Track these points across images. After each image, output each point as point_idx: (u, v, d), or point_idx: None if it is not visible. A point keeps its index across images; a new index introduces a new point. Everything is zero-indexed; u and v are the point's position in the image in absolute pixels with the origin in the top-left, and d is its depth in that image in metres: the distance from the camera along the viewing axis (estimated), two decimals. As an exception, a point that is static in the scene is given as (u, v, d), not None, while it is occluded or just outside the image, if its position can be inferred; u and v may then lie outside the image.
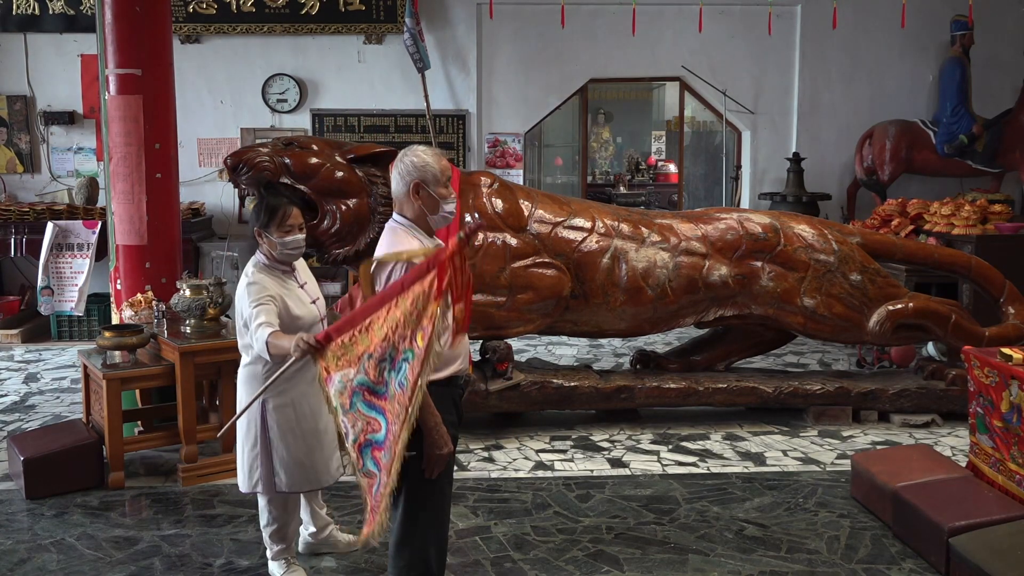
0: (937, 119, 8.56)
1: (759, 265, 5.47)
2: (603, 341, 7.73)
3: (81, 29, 8.39)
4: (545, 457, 5.02)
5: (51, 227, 7.61)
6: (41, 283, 7.62)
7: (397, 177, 3.01)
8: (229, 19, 8.47)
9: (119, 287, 5.37)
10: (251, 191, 5.11)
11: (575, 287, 5.35)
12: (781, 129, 8.99)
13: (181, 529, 4.08)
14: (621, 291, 5.35)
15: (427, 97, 8.42)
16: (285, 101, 8.72)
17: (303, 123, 8.73)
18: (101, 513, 4.27)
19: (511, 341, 5.58)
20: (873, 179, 8.61)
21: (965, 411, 4.25)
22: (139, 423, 5.08)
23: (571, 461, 4.96)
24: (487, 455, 5.04)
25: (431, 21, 8.58)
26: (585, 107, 9.74)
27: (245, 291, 3.40)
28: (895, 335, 5.54)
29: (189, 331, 4.73)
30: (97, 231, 7.66)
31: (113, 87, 5.25)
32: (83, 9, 8.40)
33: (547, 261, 5.31)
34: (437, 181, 2.99)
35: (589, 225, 5.44)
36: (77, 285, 7.62)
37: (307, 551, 3.84)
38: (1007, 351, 3.87)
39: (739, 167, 9.15)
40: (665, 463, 4.94)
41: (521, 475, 4.75)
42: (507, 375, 5.35)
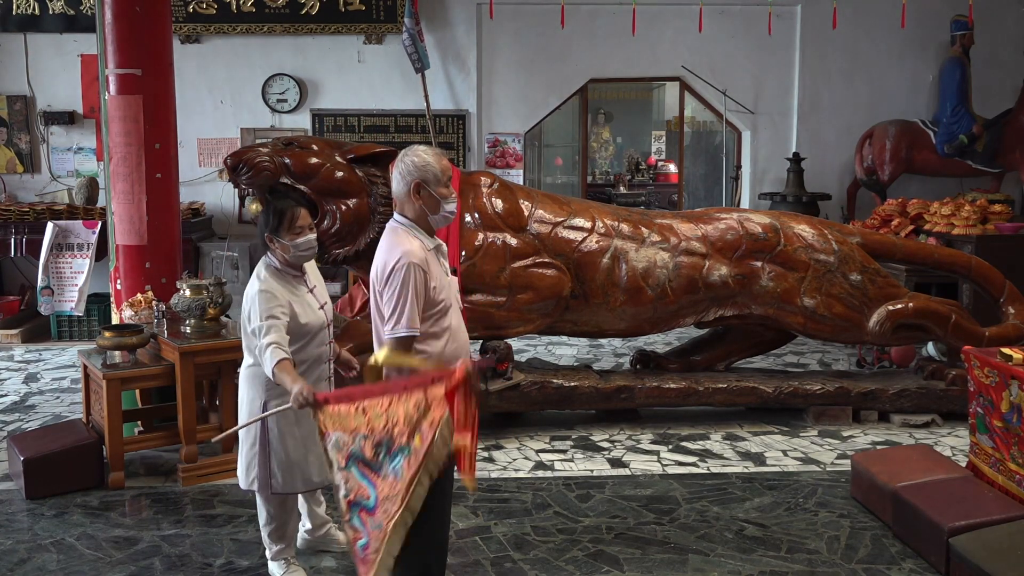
0: (937, 119, 8.56)
1: (759, 265, 5.47)
2: (603, 341, 7.73)
3: (81, 29, 8.38)
4: (545, 457, 5.02)
5: (51, 227, 7.60)
6: (41, 283, 7.62)
7: (398, 177, 3.02)
8: (229, 19, 8.47)
9: (119, 287, 5.37)
10: (252, 192, 5.11)
11: (575, 287, 5.35)
12: (781, 129, 8.99)
13: (181, 529, 4.08)
14: (621, 291, 5.35)
15: (427, 97, 8.42)
16: (285, 101, 8.72)
17: (303, 123, 8.73)
18: (101, 513, 4.27)
19: (511, 341, 5.58)
20: (873, 179, 8.61)
21: (965, 411, 4.25)
22: (139, 423, 5.08)
23: (571, 461, 4.96)
24: (487, 455, 5.04)
25: (431, 21, 8.58)
26: (585, 107, 9.74)
27: (256, 298, 3.39)
28: (895, 335, 5.54)
29: (189, 331, 4.73)
30: (97, 231, 7.65)
31: (113, 87, 5.25)
32: (83, 9, 8.40)
33: (547, 261, 5.31)
34: (438, 181, 2.99)
35: (589, 225, 5.44)
36: (77, 285, 7.62)
37: (305, 548, 3.84)
38: (1007, 351, 3.87)
39: (739, 167, 9.15)
40: (665, 463, 4.94)
41: (521, 475, 4.75)
42: (507, 375, 5.35)
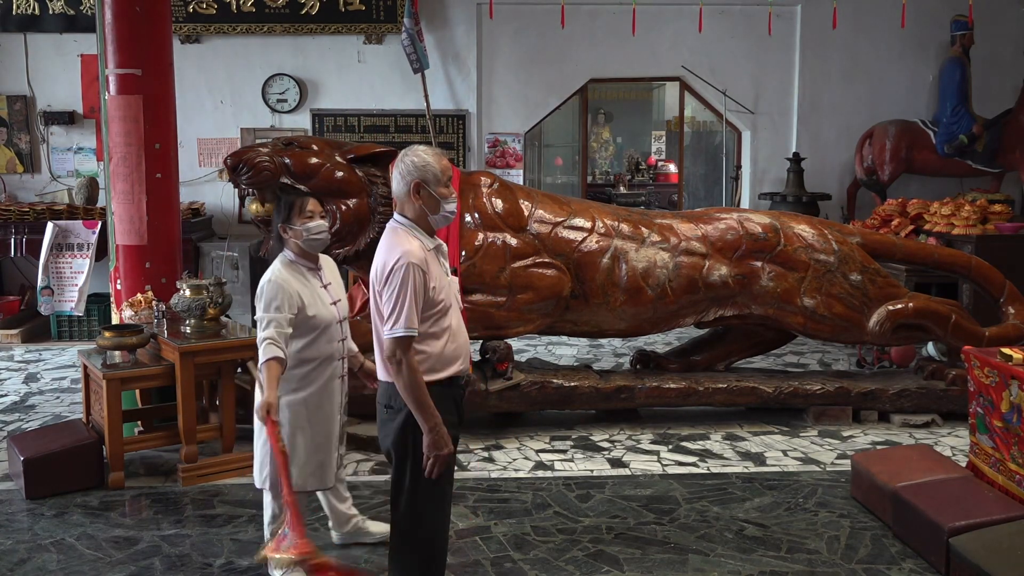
0: (937, 119, 8.56)
1: (759, 265, 5.46)
2: (603, 341, 7.72)
3: (81, 29, 8.38)
4: (545, 457, 5.02)
5: (51, 227, 7.60)
6: (41, 283, 7.62)
7: (398, 177, 3.02)
8: (229, 19, 8.47)
9: (119, 287, 5.37)
10: (252, 191, 5.11)
11: (575, 287, 5.35)
12: (781, 129, 8.99)
13: (181, 529, 4.08)
14: (621, 291, 5.35)
15: (427, 97, 8.42)
16: (285, 101, 8.72)
17: (303, 123, 8.73)
18: (101, 513, 4.27)
19: (511, 341, 5.58)
20: (873, 179, 8.60)
21: (965, 411, 4.25)
22: (139, 423, 5.08)
23: (571, 461, 4.96)
24: (487, 455, 5.04)
25: (431, 21, 8.58)
26: (585, 107, 9.74)
27: (263, 288, 3.45)
28: (895, 335, 5.54)
29: (189, 331, 4.73)
30: (97, 231, 7.65)
31: (113, 87, 5.25)
32: (83, 9, 8.40)
33: (547, 261, 5.31)
34: (438, 181, 2.99)
35: (589, 225, 5.44)
36: (77, 285, 7.62)
37: (340, 543, 3.87)
38: (1007, 351, 3.87)
39: (739, 167, 9.15)
40: (665, 463, 4.94)
41: (521, 475, 4.75)
42: (507, 375, 5.35)
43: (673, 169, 12.52)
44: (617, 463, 4.93)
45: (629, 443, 5.25)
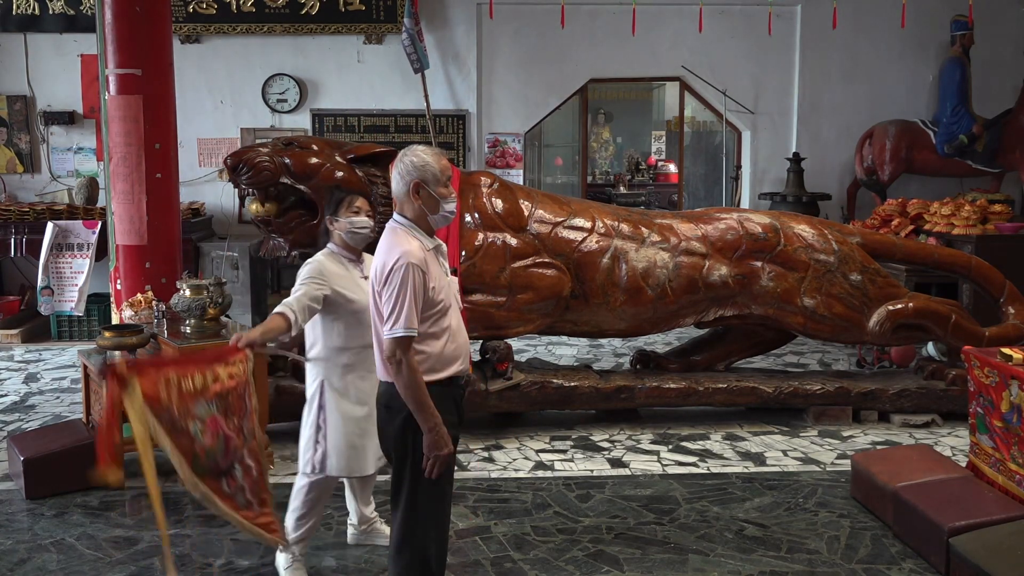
0: (937, 119, 8.56)
1: (759, 265, 5.46)
2: (603, 341, 7.72)
3: (81, 29, 8.38)
4: (545, 457, 5.01)
5: (51, 227, 7.60)
6: (41, 283, 7.62)
7: (397, 177, 3.01)
8: (229, 19, 8.47)
9: (119, 287, 5.37)
10: (252, 191, 5.11)
11: (575, 287, 5.34)
12: (781, 129, 8.99)
13: (181, 529, 4.08)
14: (621, 291, 5.35)
15: (427, 97, 8.42)
16: (285, 101, 8.72)
17: (303, 123, 8.73)
18: (101, 513, 4.27)
19: (511, 341, 5.58)
20: (873, 179, 8.60)
21: (965, 411, 4.25)
22: (139, 423, 5.07)
23: (571, 461, 4.96)
24: (487, 455, 5.04)
25: (431, 21, 8.57)
26: (585, 107, 9.74)
27: (302, 268, 3.59)
28: (895, 335, 5.54)
29: (189, 331, 4.73)
30: (97, 231, 7.65)
31: (113, 87, 5.25)
32: (83, 9, 8.40)
33: (547, 261, 5.31)
34: (437, 180, 2.99)
35: (589, 225, 5.44)
36: (77, 285, 7.62)
37: (354, 542, 3.89)
38: (1007, 351, 3.87)
39: (739, 167, 9.15)
40: (665, 463, 4.94)
41: (521, 475, 4.75)
42: (507, 375, 5.35)
43: (673, 169, 12.52)
44: (617, 463, 4.93)
45: (629, 443, 5.25)
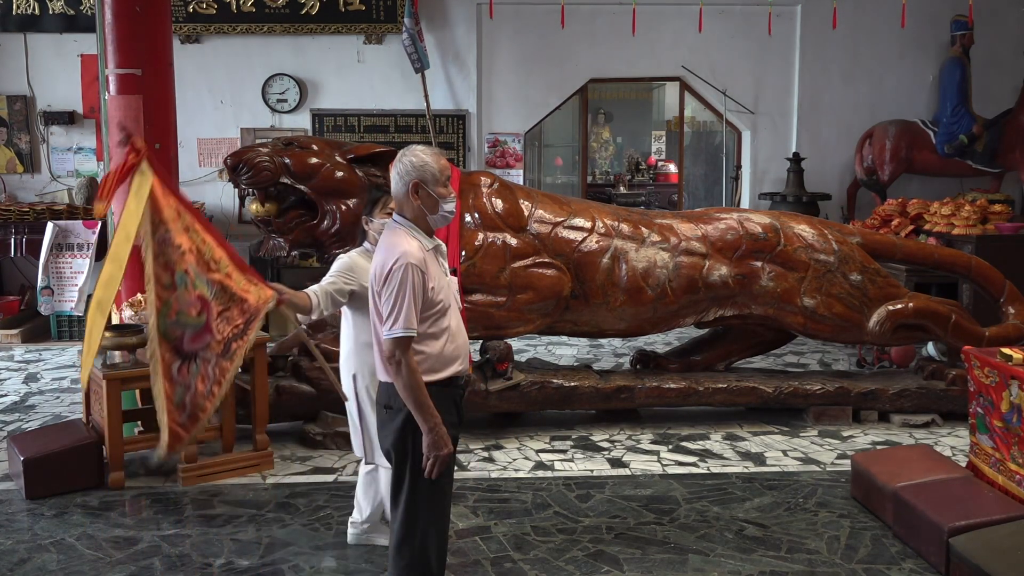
0: (937, 119, 8.56)
1: (759, 265, 5.46)
2: (603, 341, 7.72)
3: (81, 29, 8.38)
4: (545, 457, 5.01)
5: (51, 227, 7.60)
6: (41, 283, 7.62)
7: (396, 177, 3.02)
8: (229, 19, 8.48)
9: (119, 287, 5.36)
10: (252, 191, 5.11)
11: (575, 287, 5.34)
12: (781, 129, 8.99)
13: (181, 529, 4.08)
14: (621, 291, 5.35)
15: (427, 97, 8.42)
16: (285, 101, 8.72)
17: (303, 123, 8.73)
18: (101, 513, 4.27)
19: (511, 341, 5.58)
20: (873, 179, 8.60)
21: (965, 411, 4.25)
22: (139, 423, 5.07)
23: (571, 461, 4.96)
24: (487, 455, 5.04)
25: (431, 21, 8.58)
26: (585, 107, 9.74)
27: (335, 262, 3.75)
28: (895, 335, 5.54)
29: (189, 331, 4.72)
30: (97, 231, 7.65)
31: (113, 87, 5.25)
32: (83, 9, 8.40)
33: (547, 261, 5.31)
34: (436, 180, 2.99)
35: (589, 225, 5.43)
36: (77, 285, 7.61)
37: (354, 541, 3.88)
38: (1007, 351, 3.87)
39: (739, 167, 9.15)
40: (665, 463, 4.94)
41: (521, 475, 4.75)
42: (507, 375, 5.35)
43: (673, 169, 12.52)
44: (617, 463, 4.93)
45: (629, 443, 5.25)
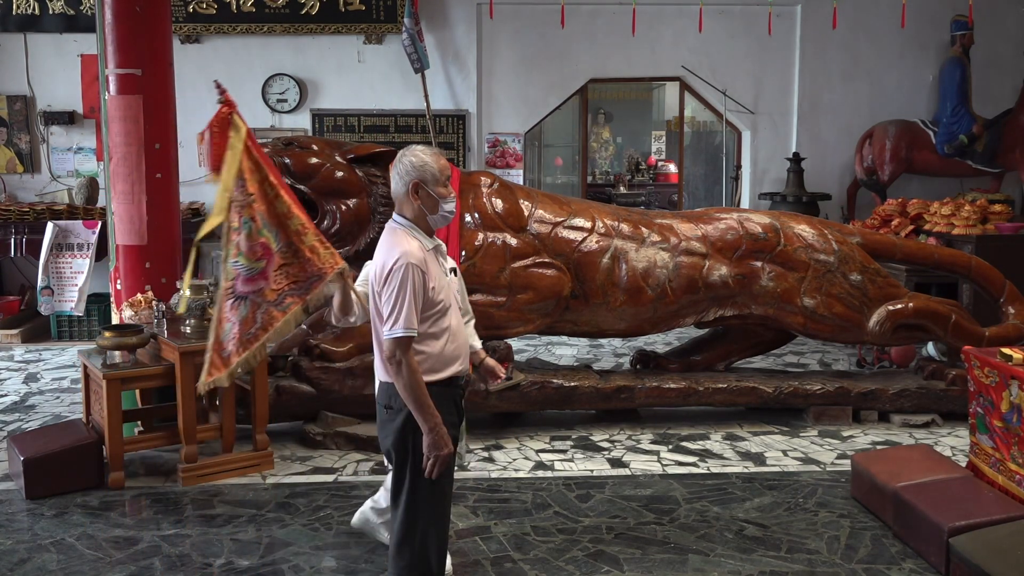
0: (937, 119, 8.56)
1: (759, 265, 5.46)
2: (603, 341, 7.72)
3: (81, 29, 8.39)
4: (545, 457, 5.01)
5: (51, 227, 7.61)
6: (41, 283, 7.62)
7: (396, 177, 3.02)
8: (229, 19, 8.48)
9: (119, 287, 5.37)
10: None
11: (575, 287, 5.34)
12: (781, 129, 8.99)
13: (181, 529, 4.08)
14: (621, 291, 5.35)
15: (427, 97, 8.42)
16: (285, 101, 8.72)
17: (303, 123, 8.74)
18: (101, 513, 4.27)
19: (511, 341, 5.58)
20: (873, 179, 8.60)
21: (965, 411, 4.25)
22: (139, 423, 5.08)
23: (571, 461, 4.96)
24: (487, 455, 5.04)
25: (431, 21, 8.58)
26: (585, 107, 9.74)
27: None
28: (895, 335, 5.54)
29: (189, 331, 4.73)
30: (97, 231, 7.66)
31: (113, 87, 5.25)
32: (83, 9, 8.40)
33: (547, 261, 5.31)
34: (436, 180, 2.99)
35: (589, 225, 5.44)
36: (77, 285, 7.62)
37: (358, 525, 3.84)
38: (1007, 351, 3.87)
39: (739, 167, 9.15)
40: (665, 463, 4.94)
41: (521, 475, 4.75)
42: (507, 375, 5.35)
43: (673, 169, 12.52)
44: (617, 463, 4.93)
45: (629, 443, 5.25)
